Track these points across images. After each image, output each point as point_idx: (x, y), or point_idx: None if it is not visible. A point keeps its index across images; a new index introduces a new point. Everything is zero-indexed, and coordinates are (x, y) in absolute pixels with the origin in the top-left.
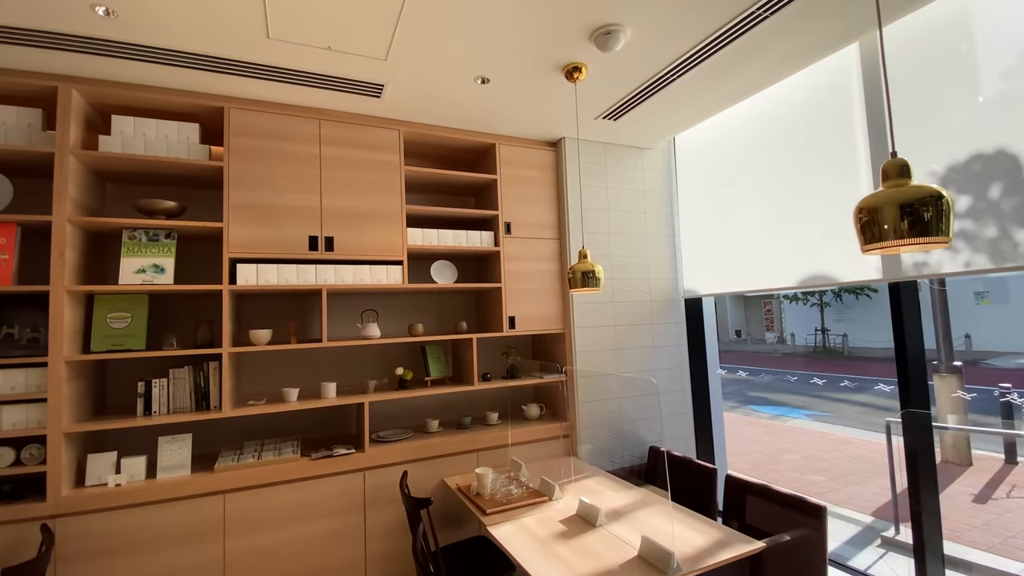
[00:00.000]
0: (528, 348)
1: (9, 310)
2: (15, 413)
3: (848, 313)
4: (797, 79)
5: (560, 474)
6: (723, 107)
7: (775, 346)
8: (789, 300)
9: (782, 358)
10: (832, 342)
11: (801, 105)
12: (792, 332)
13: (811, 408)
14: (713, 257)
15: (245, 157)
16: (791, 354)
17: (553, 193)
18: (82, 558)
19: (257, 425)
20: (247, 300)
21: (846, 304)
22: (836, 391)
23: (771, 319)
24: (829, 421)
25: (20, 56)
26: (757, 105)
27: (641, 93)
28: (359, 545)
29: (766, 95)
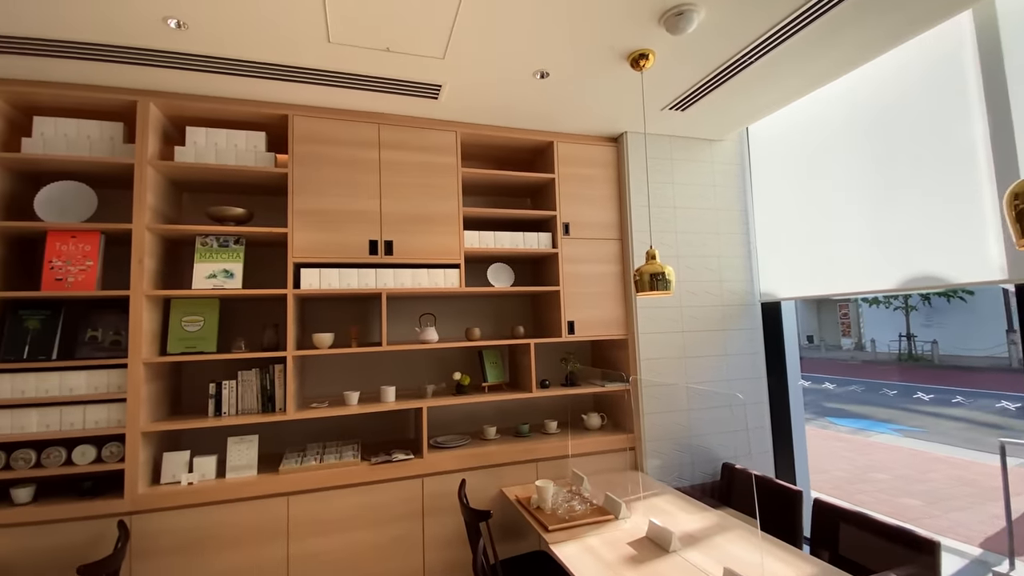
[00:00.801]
0: (587, 355)
1: (94, 314)
2: (97, 412)
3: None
4: (895, 56)
5: (626, 490)
6: (805, 92)
7: (853, 353)
8: (869, 303)
9: (861, 366)
10: (920, 349)
11: (899, 85)
12: (872, 338)
13: (899, 422)
14: (793, 257)
15: (308, 163)
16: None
17: (614, 191)
18: (155, 555)
19: (319, 427)
20: (310, 304)
21: (935, 308)
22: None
23: (848, 323)
24: (922, 437)
25: (102, 72)
26: (845, 88)
27: (713, 80)
28: (417, 554)
29: (856, 76)
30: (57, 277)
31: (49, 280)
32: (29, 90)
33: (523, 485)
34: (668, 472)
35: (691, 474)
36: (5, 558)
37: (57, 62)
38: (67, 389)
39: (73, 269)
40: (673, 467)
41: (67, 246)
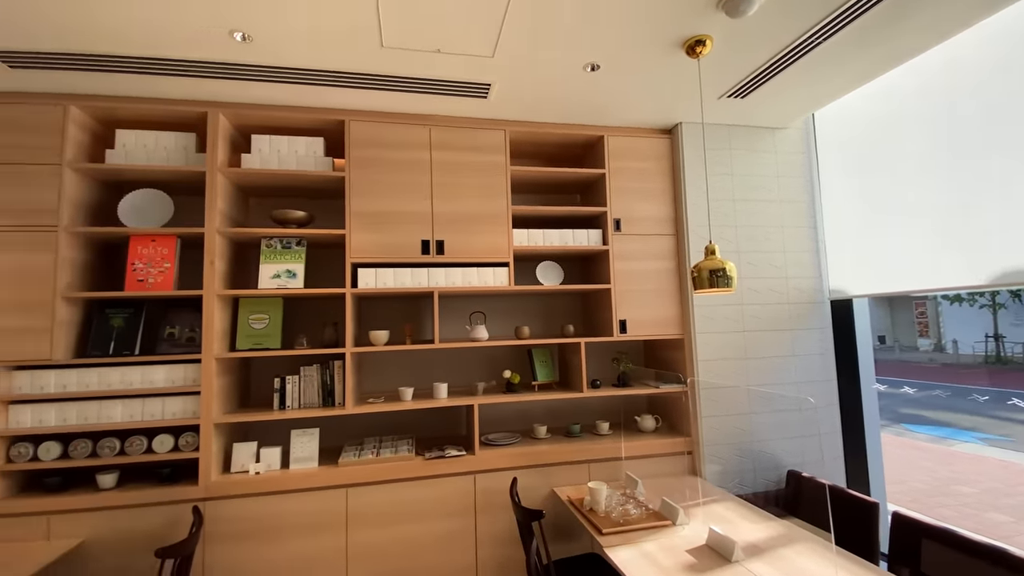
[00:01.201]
0: (640, 355)
1: (171, 312)
2: (175, 404)
3: None
4: (977, 32)
5: (683, 496)
6: (877, 74)
7: (931, 354)
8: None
9: (941, 369)
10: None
11: (982, 64)
12: (954, 338)
13: (985, 430)
14: (866, 252)
15: (363, 167)
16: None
17: (668, 185)
18: (226, 540)
19: (375, 422)
20: (366, 302)
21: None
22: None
23: (925, 323)
24: (1013, 447)
25: (176, 86)
26: (921, 68)
27: (776, 64)
28: (470, 549)
29: (934, 55)
30: (139, 278)
31: (132, 281)
32: (111, 105)
33: (575, 486)
34: (728, 478)
35: (753, 481)
36: (92, 539)
37: (136, 78)
38: (148, 382)
39: (153, 271)
40: (733, 473)
41: (147, 249)
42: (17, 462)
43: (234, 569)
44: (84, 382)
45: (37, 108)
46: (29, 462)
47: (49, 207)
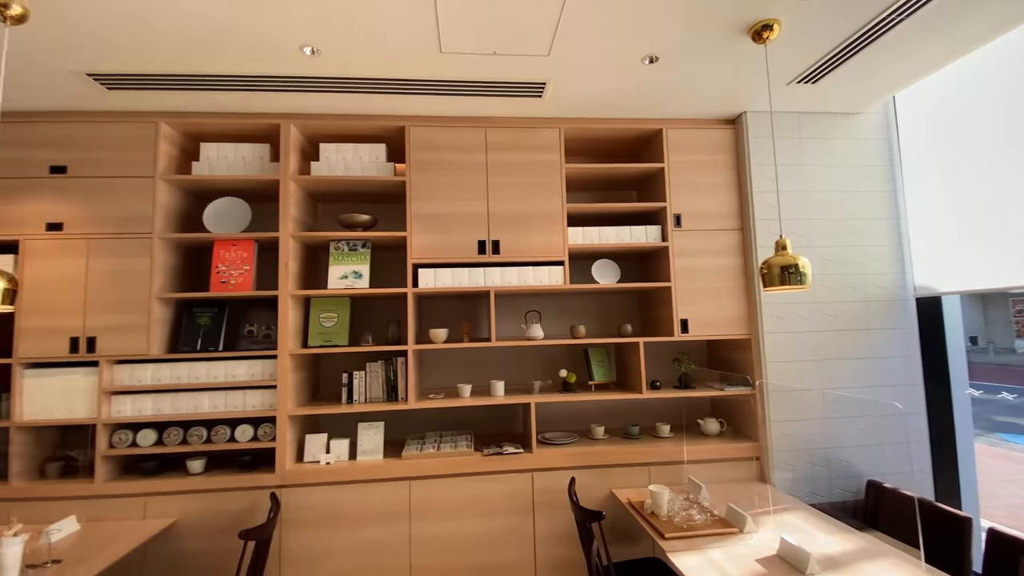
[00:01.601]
0: (703, 355)
1: (250, 311)
2: (254, 397)
3: None
4: None
5: (750, 503)
6: (970, 49)
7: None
8: None
9: None
10: None
11: None
12: None
13: None
14: (958, 245)
15: (423, 170)
16: None
17: (732, 177)
18: (300, 526)
19: (435, 417)
20: (426, 301)
21: None
22: None
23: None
24: None
25: (252, 100)
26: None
27: (852, 45)
28: (528, 546)
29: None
30: (222, 280)
31: (216, 282)
32: (196, 120)
33: (635, 488)
34: (800, 486)
35: (828, 490)
36: (183, 519)
37: (217, 94)
38: (231, 376)
39: (234, 273)
40: (806, 481)
41: (229, 253)
42: (119, 447)
43: (308, 553)
44: (176, 375)
45: (132, 126)
46: (129, 447)
47: (144, 216)
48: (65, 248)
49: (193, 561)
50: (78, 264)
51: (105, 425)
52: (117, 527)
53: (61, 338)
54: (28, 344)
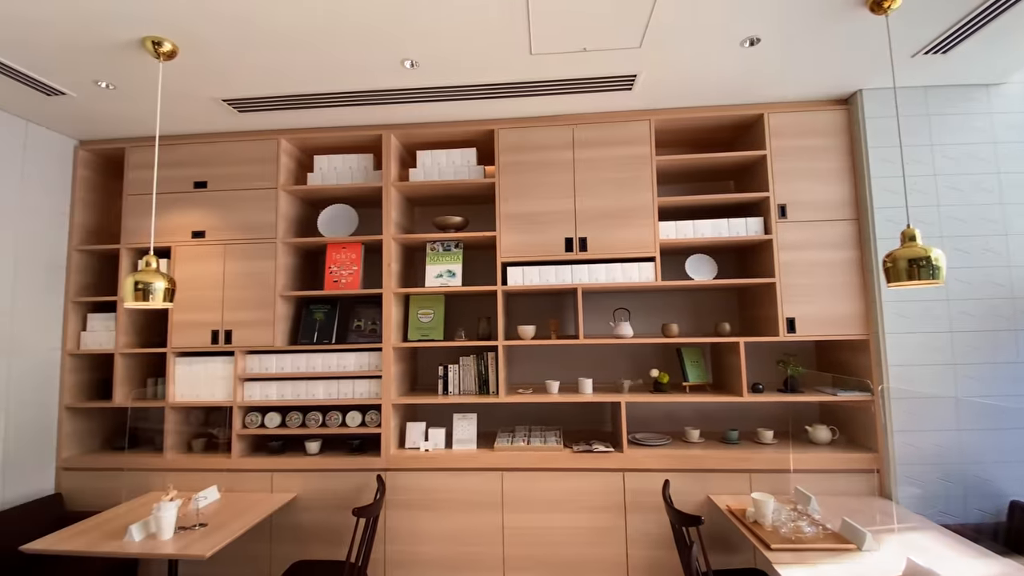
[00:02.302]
0: (811, 357)
1: (358, 308)
2: (362, 386)
3: None
4: None
5: (868, 519)
6: None
7: None
8: None
9: None
10: None
11: None
12: None
13: None
14: None
15: (511, 171)
16: None
17: (845, 163)
18: (403, 507)
19: (522, 411)
20: (515, 298)
21: None
22: None
23: None
24: None
25: (358, 114)
26: None
27: (993, 5)
28: (620, 546)
29: None
30: (334, 279)
31: (329, 282)
32: (311, 136)
33: (734, 495)
34: (928, 504)
35: (961, 510)
36: (303, 494)
37: (328, 110)
38: (342, 367)
39: (344, 273)
40: (935, 499)
41: (340, 255)
42: (250, 428)
43: (411, 533)
44: (296, 365)
45: (258, 144)
46: (258, 428)
47: (269, 223)
48: (206, 253)
49: (311, 533)
50: (217, 267)
51: (239, 408)
52: (250, 498)
53: (204, 331)
54: (179, 336)
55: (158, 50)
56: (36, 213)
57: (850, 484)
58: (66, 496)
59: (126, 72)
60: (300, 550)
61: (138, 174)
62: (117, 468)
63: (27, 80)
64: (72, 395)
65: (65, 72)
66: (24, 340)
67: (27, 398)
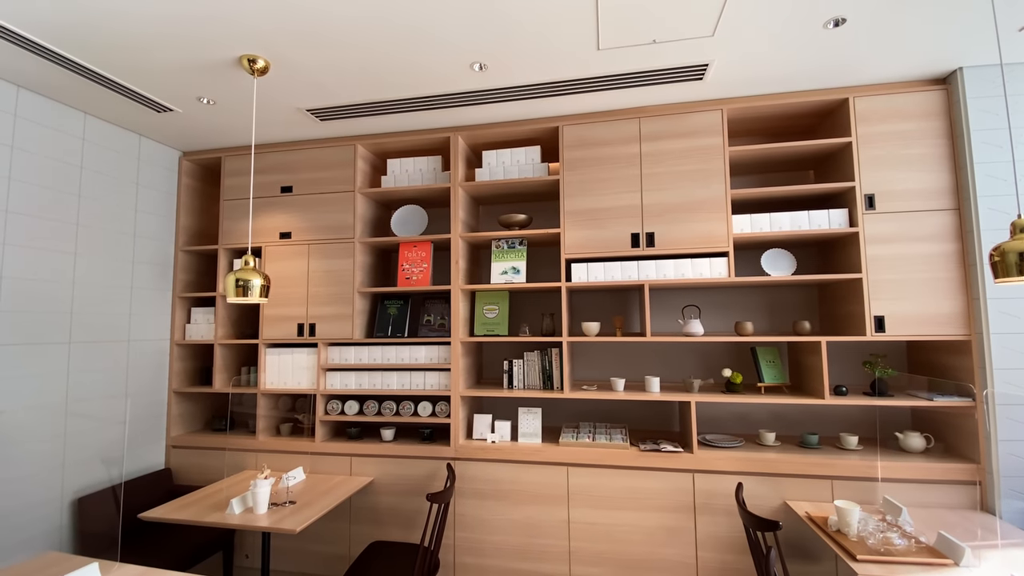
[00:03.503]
0: (902, 358)
1: (428, 303)
2: (432, 378)
3: None
4: None
5: (971, 534)
6: None
7: None
8: None
9: None
10: None
11: None
12: None
13: None
14: None
15: (576, 168)
16: None
17: (944, 148)
18: (470, 495)
19: (586, 408)
20: (578, 295)
21: None
22: None
23: None
24: None
25: (428, 118)
26: None
27: None
28: (689, 546)
29: None
30: (406, 276)
31: (401, 278)
32: (383, 140)
33: (814, 503)
34: None
35: None
36: (379, 479)
37: (401, 116)
38: (413, 359)
39: (415, 270)
40: None
41: (411, 253)
42: (331, 415)
43: (480, 521)
44: (372, 357)
45: (337, 149)
46: (338, 415)
47: (347, 224)
48: (292, 252)
49: (386, 515)
50: (301, 265)
51: (322, 395)
52: (331, 480)
53: (291, 324)
54: (269, 329)
55: (252, 67)
56: (149, 218)
57: (946, 496)
58: (174, 471)
59: (224, 88)
60: (377, 531)
61: (233, 180)
62: (218, 447)
63: (141, 99)
64: (179, 381)
65: (172, 90)
66: (140, 332)
67: (143, 384)
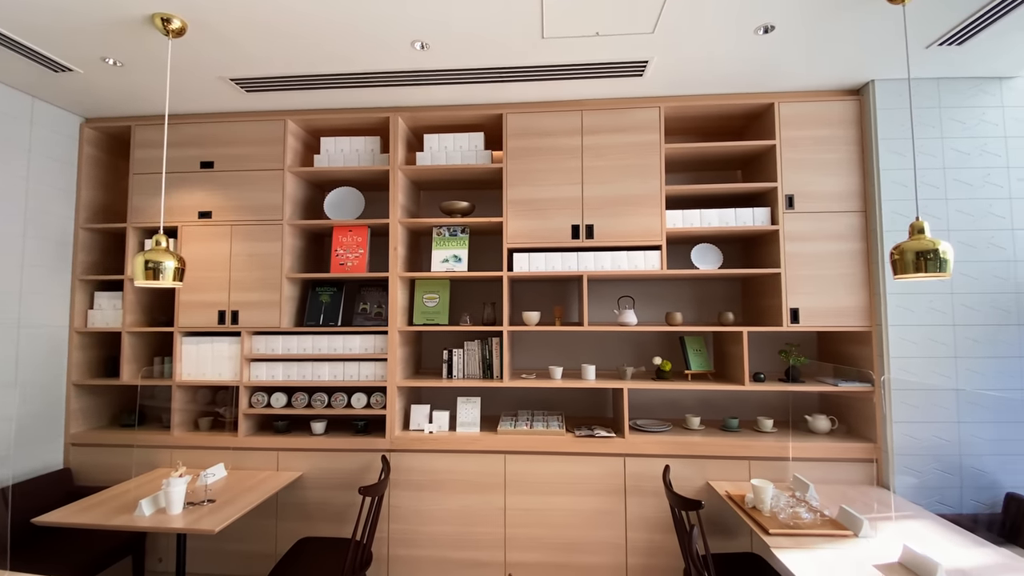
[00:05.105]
0: (813, 347)
1: (363, 291)
2: (367, 368)
3: None
4: None
5: (866, 507)
6: None
7: None
8: None
9: None
10: None
11: None
12: None
13: None
14: None
15: (519, 157)
16: None
17: (855, 154)
18: (406, 487)
19: (525, 396)
20: (519, 285)
21: None
22: None
23: None
24: None
25: (366, 96)
26: None
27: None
28: (619, 527)
29: None
30: (340, 262)
31: (335, 264)
32: (316, 117)
33: (733, 482)
34: (924, 494)
35: (958, 501)
36: (308, 473)
37: (336, 92)
38: (347, 349)
39: (350, 256)
40: (932, 489)
41: (346, 237)
42: (256, 407)
43: (415, 512)
44: (302, 346)
45: (265, 124)
46: (264, 408)
47: (276, 204)
48: (213, 233)
49: (316, 510)
50: (223, 247)
51: (246, 387)
52: (256, 476)
53: (211, 311)
54: (186, 316)
55: (167, 27)
56: (43, 190)
57: (848, 473)
58: (75, 471)
59: (134, 49)
60: (306, 527)
61: (145, 153)
62: (125, 444)
63: (34, 55)
64: (80, 372)
65: (72, 48)
66: (32, 317)
67: (36, 374)
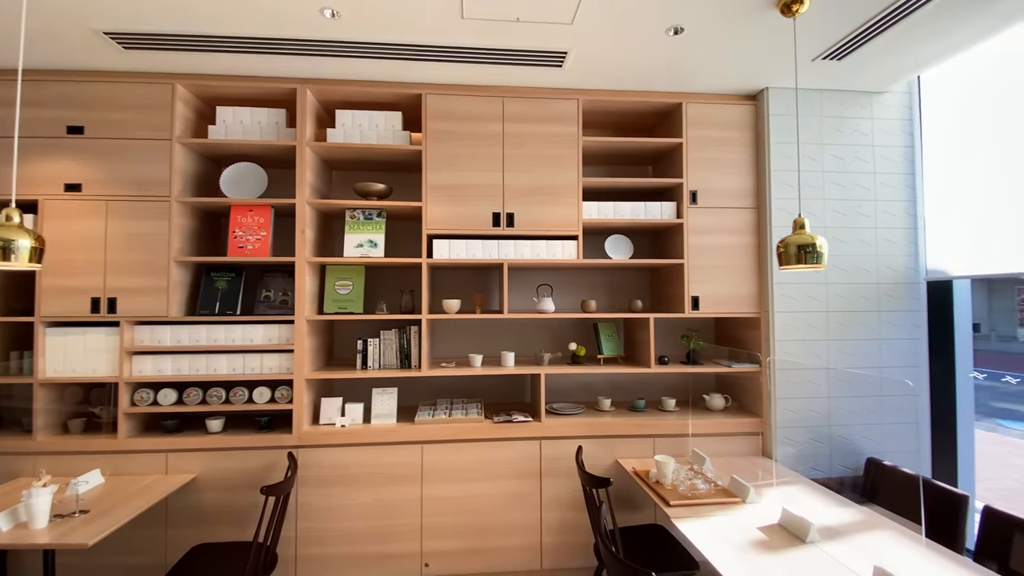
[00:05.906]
0: (711, 332)
1: (267, 277)
2: (271, 360)
3: None
4: None
5: (753, 476)
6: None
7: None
8: None
9: None
10: None
11: None
12: None
13: None
14: (975, 229)
15: (439, 140)
16: None
17: (750, 155)
18: (317, 484)
19: (446, 385)
20: (440, 272)
21: None
22: None
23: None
24: None
25: (269, 64)
26: None
27: (884, 19)
28: (535, 509)
29: None
30: (239, 245)
31: (233, 247)
32: (212, 83)
33: (639, 459)
34: (801, 462)
35: (828, 466)
36: (203, 475)
37: (234, 56)
38: (248, 340)
39: (251, 238)
40: (807, 457)
41: (246, 218)
42: (140, 406)
43: (324, 509)
44: (195, 338)
45: (149, 87)
46: (150, 406)
47: (162, 179)
48: (84, 209)
49: (214, 514)
50: (97, 225)
51: (127, 384)
52: (141, 481)
53: (83, 298)
54: (50, 303)
55: None
56: None
57: (739, 446)
58: None
59: None
60: (202, 533)
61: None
62: None
63: None
64: None
65: None
66: None
67: None
